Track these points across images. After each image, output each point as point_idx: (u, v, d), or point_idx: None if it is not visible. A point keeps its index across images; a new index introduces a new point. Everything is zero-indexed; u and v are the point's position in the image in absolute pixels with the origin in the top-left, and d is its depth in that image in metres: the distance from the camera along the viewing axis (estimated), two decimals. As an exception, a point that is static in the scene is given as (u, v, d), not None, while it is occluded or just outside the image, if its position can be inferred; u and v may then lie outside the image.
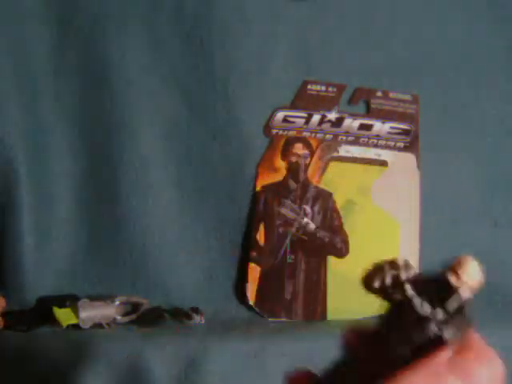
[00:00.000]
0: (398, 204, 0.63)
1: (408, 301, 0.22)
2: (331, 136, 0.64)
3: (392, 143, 0.64)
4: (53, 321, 0.55)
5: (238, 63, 0.63)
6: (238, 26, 0.63)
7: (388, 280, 0.23)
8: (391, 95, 0.65)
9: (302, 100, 0.65)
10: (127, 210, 0.63)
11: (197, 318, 0.58)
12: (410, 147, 0.64)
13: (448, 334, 0.22)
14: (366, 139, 0.64)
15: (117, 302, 0.58)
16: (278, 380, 0.54)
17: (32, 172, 0.63)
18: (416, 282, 0.23)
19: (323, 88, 0.65)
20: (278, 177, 0.64)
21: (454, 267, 0.23)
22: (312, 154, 0.64)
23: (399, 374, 0.20)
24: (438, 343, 0.22)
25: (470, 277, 0.22)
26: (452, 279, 0.22)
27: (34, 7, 0.64)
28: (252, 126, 0.64)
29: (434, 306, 0.22)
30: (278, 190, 0.64)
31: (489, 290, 0.68)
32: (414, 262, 0.63)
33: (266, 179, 0.64)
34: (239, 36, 0.63)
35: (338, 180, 0.64)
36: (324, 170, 0.64)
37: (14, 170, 0.62)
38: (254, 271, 0.62)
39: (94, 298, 0.58)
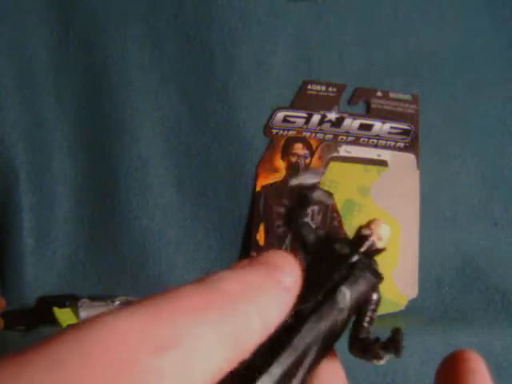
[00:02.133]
0: (398, 204, 0.63)
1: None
2: (331, 136, 0.64)
3: (392, 143, 0.64)
4: (53, 321, 0.55)
5: (238, 63, 0.63)
6: (238, 26, 0.63)
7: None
8: (391, 95, 0.65)
9: (302, 100, 0.65)
10: (127, 209, 0.63)
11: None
12: (410, 147, 0.64)
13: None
14: (366, 139, 0.64)
15: (117, 302, 0.58)
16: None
17: (32, 172, 0.63)
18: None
19: (323, 88, 0.65)
20: (278, 177, 0.64)
21: (366, 224, 0.25)
22: (312, 153, 0.64)
23: None
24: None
25: (381, 233, 0.25)
26: (364, 231, 0.25)
27: (34, 7, 0.64)
28: (252, 126, 0.64)
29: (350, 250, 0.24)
30: (278, 190, 0.64)
31: (489, 290, 0.68)
32: (414, 262, 0.63)
33: (265, 179, 0.64)
34: (239, 36, 0.63)
35: (338, 180, 0.64)
36: (324, 170, 0.64)
37: (14, 169, 0.62)
38: (254, 271, 0.62)
39: (94, 298, 0.58)
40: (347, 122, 0.64)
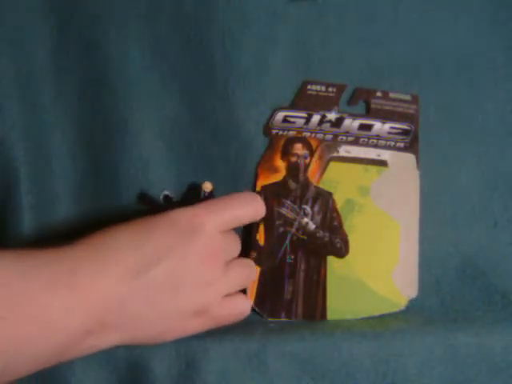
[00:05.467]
0: (398, 204, 0.63)
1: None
2: (331, 136, 0.64)
3: (392, 143, 0.65)
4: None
5: (238, 63, 0.63)
6: (237, 26, 0.63)
7: None
8: (391, 95, 0.65)
9: (302, 100, 0.65)
10: (127, 210, 0.63)
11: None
12: (410, 147, 0.64)
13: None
14: (366, 139, 0.65)
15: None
16: (278, 380, 0.54)
17: (32, 172, 0.63)
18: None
19: (323, 88, 0.65)
20: (278, 177, 0.64)
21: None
22: (312, 153, 0.64)
23: None
24: None
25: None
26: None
27: (34, 7, 0.64)
28: (252, 126, 0.64)
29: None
30: (278, 190, 0.64)
31: (489, 290, 0.68)
32: (414, 262, 0.63)
33: (266, 179, 0.64)
34: (239, 36, 0.63)
35: (338, 180, 0.64)
36: (324, 169, 0.64)
37: (14, 169, 0.62)
38: (254, 271, 0.62)
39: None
40: (347, 122, 0.64)
